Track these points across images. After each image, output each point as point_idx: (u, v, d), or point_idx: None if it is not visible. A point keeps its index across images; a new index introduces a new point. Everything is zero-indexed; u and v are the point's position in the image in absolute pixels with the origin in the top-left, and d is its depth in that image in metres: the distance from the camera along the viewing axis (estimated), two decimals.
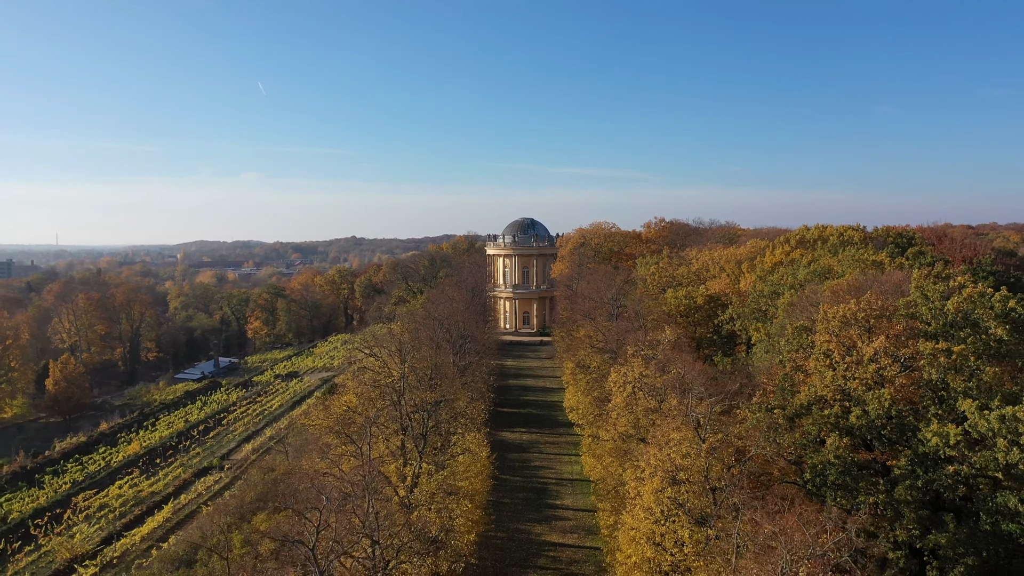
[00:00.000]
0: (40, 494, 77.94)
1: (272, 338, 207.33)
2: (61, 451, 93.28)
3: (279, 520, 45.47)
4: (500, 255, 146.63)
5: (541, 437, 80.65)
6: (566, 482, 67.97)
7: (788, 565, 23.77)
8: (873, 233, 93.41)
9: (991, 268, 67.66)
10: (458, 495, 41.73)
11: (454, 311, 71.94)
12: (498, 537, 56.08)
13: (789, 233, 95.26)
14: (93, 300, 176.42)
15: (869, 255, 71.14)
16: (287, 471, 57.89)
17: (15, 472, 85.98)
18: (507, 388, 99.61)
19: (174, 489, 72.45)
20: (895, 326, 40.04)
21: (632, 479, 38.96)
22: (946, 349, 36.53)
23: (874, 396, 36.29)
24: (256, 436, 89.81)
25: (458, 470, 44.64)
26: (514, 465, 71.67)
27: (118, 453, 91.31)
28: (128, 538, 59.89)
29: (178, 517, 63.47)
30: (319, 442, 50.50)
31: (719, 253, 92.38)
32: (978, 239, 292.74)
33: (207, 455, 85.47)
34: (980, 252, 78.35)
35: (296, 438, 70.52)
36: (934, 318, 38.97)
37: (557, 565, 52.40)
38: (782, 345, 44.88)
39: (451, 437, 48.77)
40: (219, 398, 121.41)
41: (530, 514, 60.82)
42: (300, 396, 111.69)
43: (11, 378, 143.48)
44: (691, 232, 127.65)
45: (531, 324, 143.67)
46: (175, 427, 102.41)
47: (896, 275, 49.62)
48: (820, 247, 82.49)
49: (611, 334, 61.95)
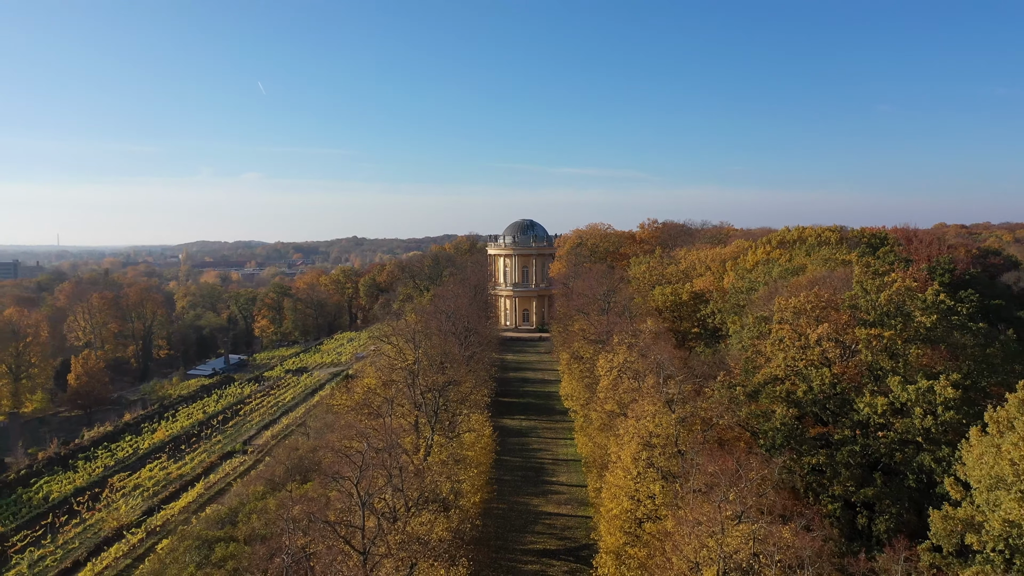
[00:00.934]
0: (76, 476, 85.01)
1: (279, 336, 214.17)
2: (90, 439, 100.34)
3: (308, 488, 52.32)
4: (501, 255, 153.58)
5: (539, 424, 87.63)
6: (561, 462, 74.94)
7: (724, 494, 30.63)
8: (850, 233, 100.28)
9: (947, 267, 74.56)
10: (465, 463, 48.69)
11: (459, 306, 79.08)
12: (500, 508, 63.00)
13: (772, 234, 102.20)
14: (107, 299, 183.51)
15: (840, 254, 78.08)
16: (311, 449, 64.75)
17: (50, 458, 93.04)
18: (508, 380, 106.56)
19: (202, 470, 79.47)
20: (841, 316, 47.00)
21: (614, 447, 45.93)
22: (879, 335, 43.45)
23: (818, 374, 43.26)
24: (274, 424, 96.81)
25: (465, 443, 51.62)
26: (514, 448, 78.64)
27: (144, 441, 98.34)
28: (167, 510, 66.93)
29: (210, 492, 70.58)
30: (340, 422, 57.43)
31: (705, 253, 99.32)
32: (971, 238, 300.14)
33: (229, 441, 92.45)
34: (942, 252, 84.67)
35: (316, 422, 77.44)
36: (872, 309, 45.85)
37: (552, 531, 59.39)
38: (744, 333, 51.86)
39: (458, 417, 55.73)
40: (234, 391, 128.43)
41: (528, 489, 67.78)
42: (312, 389, 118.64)
43: (31, 374, 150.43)
44: (682, 233, 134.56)
45: (530, 321, 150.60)
46: (195, 417, 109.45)
47: (842, 272, 56.42)
48: (798, 247, 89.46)
49: (601, 326, 68.99)
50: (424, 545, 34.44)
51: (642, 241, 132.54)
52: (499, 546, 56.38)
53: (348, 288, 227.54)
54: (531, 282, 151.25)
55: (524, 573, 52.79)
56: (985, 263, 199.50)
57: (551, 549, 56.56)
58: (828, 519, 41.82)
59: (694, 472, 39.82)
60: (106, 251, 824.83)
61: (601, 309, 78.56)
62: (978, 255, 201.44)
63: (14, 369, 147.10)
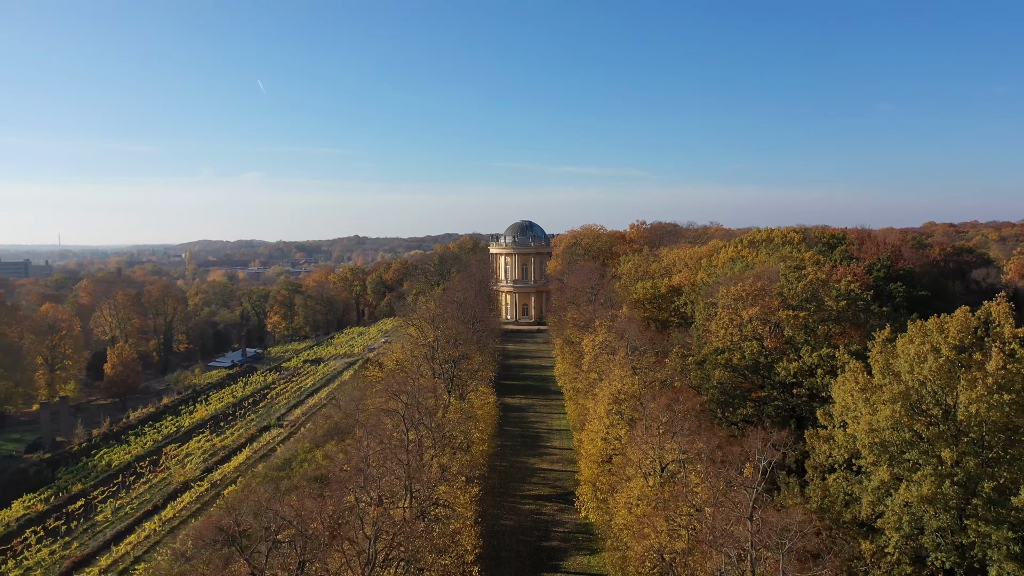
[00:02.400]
0: (132, 448, 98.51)
1: (290, 331, 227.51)
2: (136, 419, 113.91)
3: (348, 443, 65.57)
4: (502, 254, 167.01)
5: (536, 401, 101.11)
6: (554, 431, 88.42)
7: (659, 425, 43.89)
8: (813, 233, 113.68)
9: (885, 263, 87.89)
10: (474, 419, 62.11)
11: (467, 298, 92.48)
12: (503, 466, 76.43)
13: (744, 234, 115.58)
14: (130, 296, 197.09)
15: (796, 253, 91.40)
16: (343, 417, 77.93)
17: (104, 434, 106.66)
18: (509, 366, 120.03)
19: (245, 440, 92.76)
20: (772, 301, 60.35)
21: (592, 404, 59.34)
22: (796, 315, 56.76)
23: (748, 346, 56.63)
24: (300, 404, 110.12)
25: (474, 405, 65.03)
26: (514, 420, 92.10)
27: (185, 420, 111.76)
28: (223, 469, 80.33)
29: (258, 455, 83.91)
30: (371, 390, 70.70)
31: (685, 251, 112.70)
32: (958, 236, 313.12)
33: (261, 419, 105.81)
34: (884, 251, 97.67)
35: (345, 397, 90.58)
36: (792, 295, 59.11)
37: (545, 482, 72.82)
38: (697, 316, 65.26)
39: (468, 386, 69.16)
40: (257, 379, 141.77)
41: (526, 452, 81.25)
42: (330, 376, 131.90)
43: (65, 365, 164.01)
44: (668, 233, 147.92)
45: (529, 315, 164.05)
46: (226, 400, 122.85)
47: (774, 268, 69.74)
48: (765, 247, 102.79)
49: (587, 314, 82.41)
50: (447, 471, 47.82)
51: (631, 241, 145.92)
52: (502, 493, 69.83)
53: (356, 286, 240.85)
54: (530, 279, 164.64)
55: (523, 511, 66.24)
56: (959, 260, 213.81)
57: (544, 495, 70.01)
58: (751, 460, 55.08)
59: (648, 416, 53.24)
60: (108, 251, 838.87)
61: (590, 300, 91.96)
62: (952, 253, 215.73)
63: (49, 360, 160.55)
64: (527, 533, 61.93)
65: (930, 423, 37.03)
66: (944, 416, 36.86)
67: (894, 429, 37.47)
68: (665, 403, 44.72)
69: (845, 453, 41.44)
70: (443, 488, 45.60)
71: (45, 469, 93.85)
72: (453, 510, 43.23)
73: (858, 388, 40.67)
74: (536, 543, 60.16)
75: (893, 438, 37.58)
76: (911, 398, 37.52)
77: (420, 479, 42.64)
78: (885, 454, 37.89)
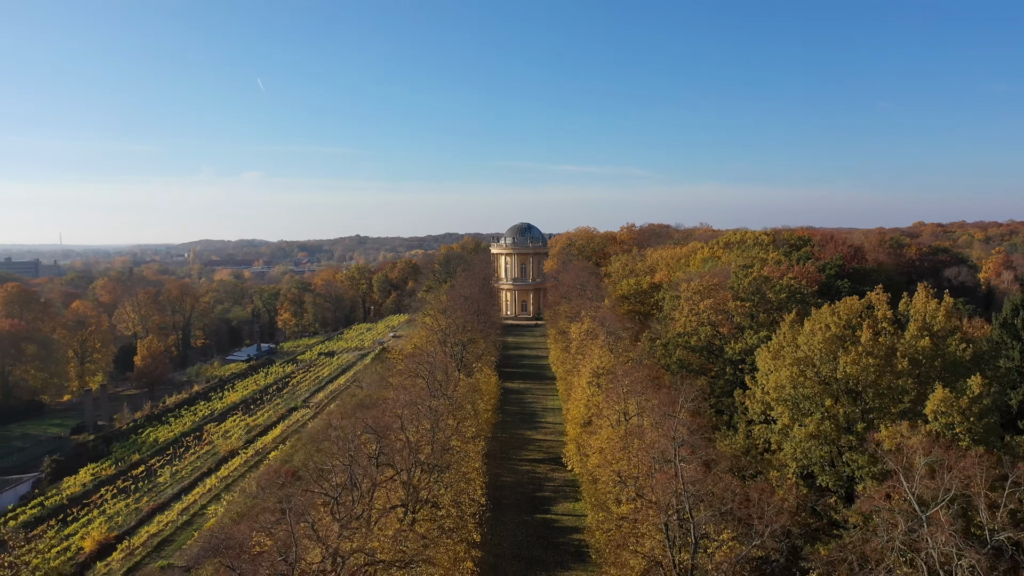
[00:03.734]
0: (174, 427, 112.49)
1: (300, 328, 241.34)
2: (173, 403, 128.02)
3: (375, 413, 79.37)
4: (502, 253, 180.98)
5: (532, 386, 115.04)
6: (548, 410, 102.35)
7: (623, 387, 57.66)
8: (783, 235, 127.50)
9: (837, 263, 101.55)
10: (479, 392, 76.03)
11: (472, 292, 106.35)
12: (504, 436, 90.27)
13: (721, 236, 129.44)
14: (151, 294, 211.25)
15: (763, 253, 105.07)
16: (367, 395, 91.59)
17: (147, 416, 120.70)
18: (509, 356, 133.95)
19: (277, 418, 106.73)
20: (726, 294, 74.15)
21: (576, 378, 73.20)
22: (742, 306, 70.54)
23: (702, 330, 70.46)
24: (322, 389, 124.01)
25: (480, 381, 78.92)
26: (513, 401, 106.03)
27: (217, 404, 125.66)
28: (262, 440, 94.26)
29: (292, 429, 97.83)
30: (391, 371, 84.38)
31: (667, 252, 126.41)
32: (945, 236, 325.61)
33: (287, 402, 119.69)
34: (839, 251, 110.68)
35: (367, 378, 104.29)
36: (741, 290, 72.83)
37: (539, 449, 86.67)
38: (666, 307, 79.14)
39: (474, 367, 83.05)
40: (276, 370, 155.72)
41: (524, 426, 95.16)
42: (345, 366, 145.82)
43: (94, 358, 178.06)
44: (656, 234, 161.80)
45: (528, 311, 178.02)
46: (251, 388, 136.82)
47: (727, 267, 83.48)
48: (737, 248, 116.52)
49: (577, 307, 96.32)
50: (460, 428, 61.67)
51: (622, 242, 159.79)
52: (503, 457, 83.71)
53: (362, 284, 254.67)
54: (528, 277, 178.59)
55: (520, 471, 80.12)
56: (934, 260, 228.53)
57: (538, 459, 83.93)
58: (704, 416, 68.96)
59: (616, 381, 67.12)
60: (110, 250, 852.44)
61: (579, 295, 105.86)
62: (928, 253, 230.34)
63: (80, 353, 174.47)
64: (524, 487, 75.82)
65: (818, 381, 50.85)
66: (828, 375, 50.69)
67: (792, 386, 51.32)
68: (629, 370, 58.58)
69: (761, 406, 55.31)
70: (456, 441, 59.43)
71: (101, 444, 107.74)
72: (466, 454, 57.10)
73: (770, 356, 54.53)
74: (531, 494, 74.07)
75: (792, 393, 51.41)
76: (804, 363, 51.38)
77: (441, 428, 56.42)
78: (786, 405, 51.71)
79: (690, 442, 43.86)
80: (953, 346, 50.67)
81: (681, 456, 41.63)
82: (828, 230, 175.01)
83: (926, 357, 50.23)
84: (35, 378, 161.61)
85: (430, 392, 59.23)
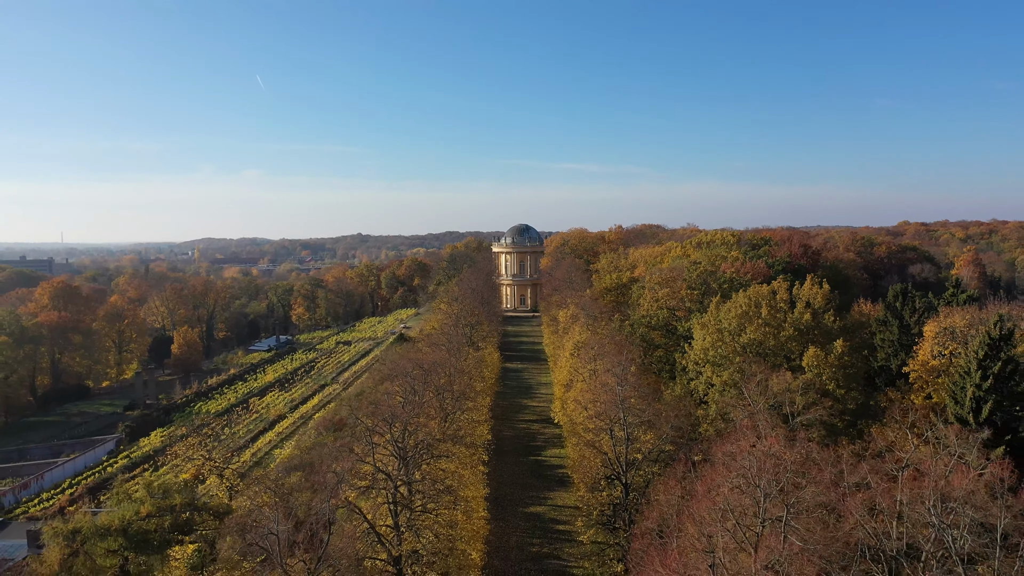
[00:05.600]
0: (222, 401, 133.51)
1: (312, 322, 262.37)
2: (216, 383, 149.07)
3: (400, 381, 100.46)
4: (502, 252, 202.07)
5: (529, 366, 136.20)
6: (541, 384, 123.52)
7: (593, 352, 78.49)
8: (746, 236, 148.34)
9: (784, 260, 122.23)
10: (484, 363, 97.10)
11: (478, 285, 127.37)
12: (504, 404, 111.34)
13: (694, 236, 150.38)
14: (177, 289, 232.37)
15: (724, 252, 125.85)
16: (392, 368, 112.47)
17: (196, 392, 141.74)
18: (508, 342, 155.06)
19: (312, 392, 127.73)
20: (682, 285, 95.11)
21: (561, 352, 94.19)
22: (691, 294, 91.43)
23: (659, 312, 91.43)
24: (346, 371, 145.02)
25: (485, 355, 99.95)
26: (512, 377, 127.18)
27: (252, 384, 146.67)
28: (304, 407, 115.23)
29: (327, 399, 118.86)
30: (410, 352, 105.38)
31: (646, 251, 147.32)
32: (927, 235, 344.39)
33: (317, 381, 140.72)
34: (791, 250, 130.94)
35: (389, 357, 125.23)
36: (691, 281, 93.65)
37: (534, 413, 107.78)
38: (634, 295, 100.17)
39: (480, 344, 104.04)
40: (300, 357, 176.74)
41: (521, 396, 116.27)
42: (362, 352, 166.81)
43: (130, 348, 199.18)
44: (641, 234, 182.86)
45: (526, 304, 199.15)
46: (281, 371, 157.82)
47: (684, 263, 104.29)
48: (707, 247, 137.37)
49: (565, 297, 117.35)
50: (471, 386, 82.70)
51: (610, 241, 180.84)
52: (504, 418, 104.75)
53: (371, 281, 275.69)
54: (526, 273, 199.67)
55: (518, 428, 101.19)
56: (902, 257, 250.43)
57: (533, 419, 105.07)
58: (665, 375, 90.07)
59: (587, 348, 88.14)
60: (113, 248, 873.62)
61: (568, 287, 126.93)
62: (896, 251, 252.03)
63: (118, 343, 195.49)
64: (520, 439, 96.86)
65: (731, 345, 71.78)
66: (738, 340, 71.62)
67: (714, 348, 72.23)
68: (600, 341, 79.61)
69: (693, 364, 76.32)
70: (469, 402, 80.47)
71: (161, 415, 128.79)
72: (476, 402, 78.09)
73: (700, 328, 75.51)
74: (526, 443, 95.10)
75: (713, 354, 72.33)
76: (723, 331, 72.34)
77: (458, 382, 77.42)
78: (708, 362, 72.63)
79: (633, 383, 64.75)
80: (828, 319, 71.70)
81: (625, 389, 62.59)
82: (797, 230, 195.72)
83: (807, 327, 71.24)
84: (80, 364, 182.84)
85: (452, 353, 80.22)
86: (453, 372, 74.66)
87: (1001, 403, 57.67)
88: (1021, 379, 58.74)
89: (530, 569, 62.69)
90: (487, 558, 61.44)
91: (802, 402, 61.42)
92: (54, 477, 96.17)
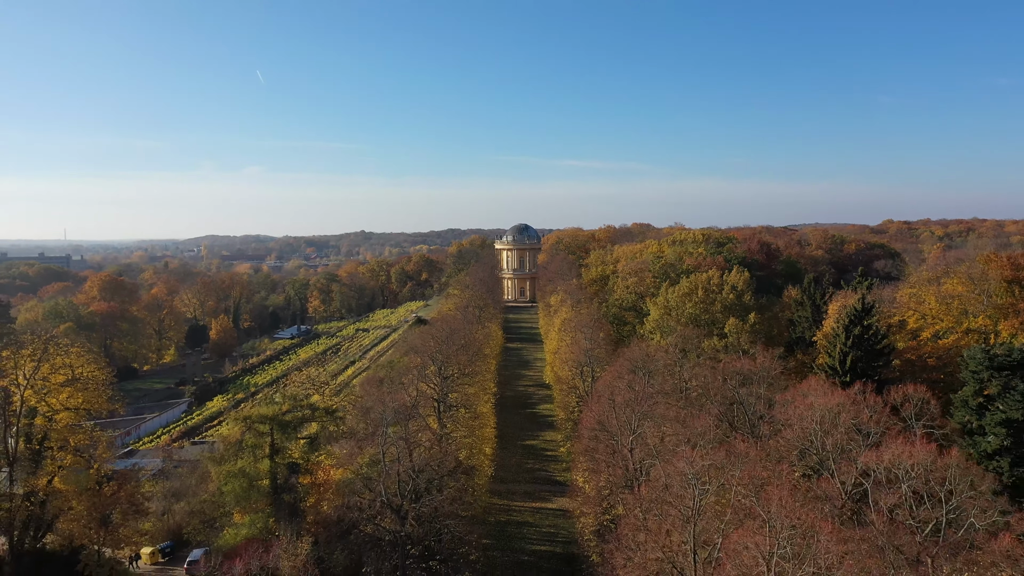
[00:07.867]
0: (267, 375, 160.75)
1: (328, 313, 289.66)
2: (258, 361, 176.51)
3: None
4: (504, 249, 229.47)
5: (527, 345, 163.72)
6: (537, 359, 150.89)
7: (574, 325, 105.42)
8: (714, 234, 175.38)
9: (741, 256, 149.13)
10: (490, 336, 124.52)
11: (484, 276, 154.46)
12: (506, 373, 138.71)
13: (670, 234, 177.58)
14: (206, 283, 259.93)
15: (692, 249, 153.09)
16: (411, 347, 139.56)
17: (243, 369, 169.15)
18: (509, 327, 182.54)
19: (341, 368, 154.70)
20: (648, 274, 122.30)
21: (551, 328, 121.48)
22: (655, 281, 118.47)
23: (627, 295, 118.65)
24: (370, 351, 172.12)
25: (490, 329, 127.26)
26: (513, 354, 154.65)
27: (289, 362, 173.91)
28: (341, 377, 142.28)
29: (360, 370, 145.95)
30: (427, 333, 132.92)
31: (629, 248, 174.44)
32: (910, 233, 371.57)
33: (344, 360, 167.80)
34: (749, 248, 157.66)
35: (409, 337, 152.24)
36: (656, 271, 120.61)
37: (530, 379, 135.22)
38: (610, 283, 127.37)
39: (487, 322, 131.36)
40: (324, 342, 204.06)
41: (520, 368, 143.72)
42: (380, 338, 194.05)
43: (169, 335, 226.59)
44: (629, 233, 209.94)
45: (525, 295, 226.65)
46: (310, 352, 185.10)
47: (647, 257, 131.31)
48: (679, 244, 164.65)
49: (556, 286, 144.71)
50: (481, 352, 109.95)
51: (600, 240, 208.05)
52: (505, 384, 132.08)
53: (382, 276, 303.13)
54: (525, 268, 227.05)
55: (517, 389, 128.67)
56: (868, 254, 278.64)
57: (529, 384, 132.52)
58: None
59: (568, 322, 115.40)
60: (117, 245, 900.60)
61: (559, 278, 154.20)
62: (864, 248, 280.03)
63: (158, 330, 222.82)
64: (519, 398, 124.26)
65: (675, 317, 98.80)
66: (678, 313, 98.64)
67: (663, 319, 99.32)
68: (581, 317, 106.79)
69: (647, 331, 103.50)
70: (479, 362, 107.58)
71: (215, 386, 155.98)
72: (486, 362, 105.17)
73: (653, 305, 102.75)
74: (524, 401, 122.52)
75: (661, 324, 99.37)
76: (668, 307, 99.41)
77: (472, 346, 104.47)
78: (658, 328, 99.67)
79: (600, 342, 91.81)
80: (747, 298, 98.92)
81: (593, 345, 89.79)
82: (772, 228, 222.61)
83: (731, 304, 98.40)
84: (127, 349, 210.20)
85: (466, 322, 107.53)
86: (468, 338, 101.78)
87: (860, 357, 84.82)
88: (874, 340, 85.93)
89: (527, 477, 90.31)
90: (495, 470, 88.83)
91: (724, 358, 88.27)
92: (148, 428, 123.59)
